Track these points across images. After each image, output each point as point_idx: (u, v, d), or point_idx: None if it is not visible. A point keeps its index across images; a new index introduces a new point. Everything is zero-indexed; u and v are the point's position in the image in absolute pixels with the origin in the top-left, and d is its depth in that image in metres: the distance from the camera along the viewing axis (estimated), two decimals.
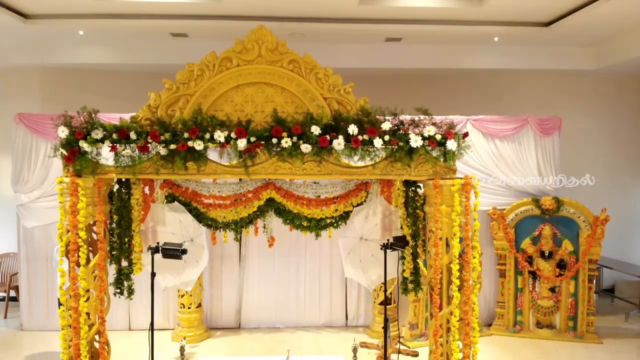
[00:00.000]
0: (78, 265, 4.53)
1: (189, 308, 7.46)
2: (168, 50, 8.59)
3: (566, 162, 8.68)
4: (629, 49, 8.20)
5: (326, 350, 7.12)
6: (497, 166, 7.84)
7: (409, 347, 7.00)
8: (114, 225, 4.99)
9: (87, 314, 4.56)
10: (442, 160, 4.55)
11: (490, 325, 7.94)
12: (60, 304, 4.61)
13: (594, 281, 7.68)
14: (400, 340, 7.13)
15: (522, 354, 7.06)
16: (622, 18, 7.47)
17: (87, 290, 4.55)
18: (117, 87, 9.38)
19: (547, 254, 7.60)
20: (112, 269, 5.09)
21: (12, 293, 8.88)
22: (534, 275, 7.67)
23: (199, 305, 7.63)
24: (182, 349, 5.03)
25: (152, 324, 4.61)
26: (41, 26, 7.67)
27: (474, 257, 4.57)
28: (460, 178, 4.52)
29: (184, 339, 5.99)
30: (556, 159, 7.97)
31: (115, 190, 4.95)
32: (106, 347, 4.67)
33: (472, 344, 4.60)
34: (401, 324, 7.47)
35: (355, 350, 5.00)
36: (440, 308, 4.62)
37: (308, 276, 8.11)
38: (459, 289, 4.52)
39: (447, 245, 4.62)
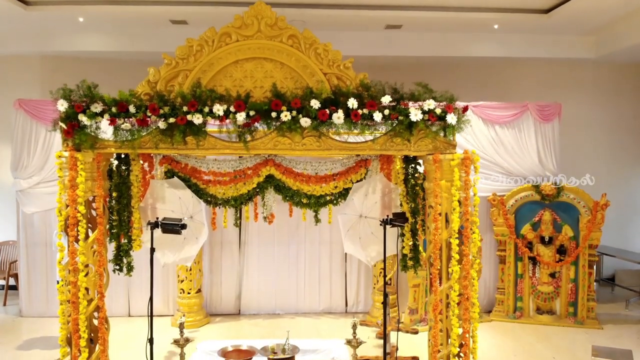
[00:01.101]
0: (77, 240, 4.52)
1: (189, 293, 7.45)
2: (168, 38, 8.58)
3: (566, 151, 8.70)
4: (627, 36, 8.20)
5: (325, 335, 7.11)
6: (497, 152, 7.84)
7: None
8: (113, 203, 4.98)
9: (86, 289, 4.54)
10: (441, 135, 4.55)
11: (490, 312, 7.93)
12: (59, 281, 4.60)
13: (594, 267, 7.66)
14: (400, 325, 7.12)
15: (523, 338, 7.05)
16: (620, 5, 7.48)
17: (86, 266, 4.54)
18: (116, 74, 9.33)
19: (547, 239, 7.59)
20: (111, 248, 5.08)
21: (12, 282, 8.86)
22: (534, 261, 7.67)
23: (199, 291, 7.62)
24: (181, 326, 5.01)
25: (151, 298, 4.59)
26: (42, 12, 7.68)
27: (473, 232, 4.56)
28: (460, 153, 4.51)
29: (183, 315, 5.97)
30: (556, 145, 7.97)
31: (114, 167, 4.94)
32: (105, 323, 4.66)
33: (471, 319, 4.59)
34: (401, 310, 7.45)
35: (354, 327, 4.99)
36: (440, 283, 4.61)
37: (308, 262, 8.11)
38: (458, 264, 4.51)
39: (447, 221, 4.61)
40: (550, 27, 8.50)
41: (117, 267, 4.99)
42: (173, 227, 4.53)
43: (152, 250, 4.59)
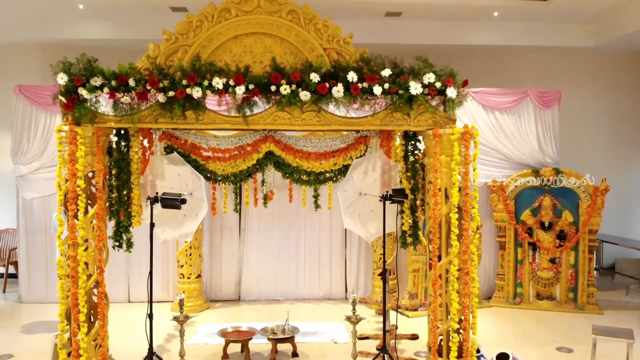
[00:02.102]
0: (76, 216, 4.52)
1: (189, 278, 7.45)
2: (167, 25, 8.47)
3: (566, 139, 8.69)
4: (626, 24, 8.20)
5: (325, 319, 7.10)
6: (497, 138, 7.84)
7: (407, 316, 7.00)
8: (112, 181, 4.98)
9: (86, 264, 4.54)
10: (441, 109, 4.55)
11: (490, 298, 7.92)
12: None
13: (594, 253, 7.65)
14: (400, 311, 7.11)
15: (523, 323, 7.04)
16: None
17: (86, 240, 4.53)
18: (116, 62, 9.36)
19: (547, 225, 7.59)
20: (111, 226, 5.08)
21: (11, 270, 8.86)
22: (533, 246, 7.66)
23: (199, 276, 7.62)
24: (181, 302, 5.01)
25: (150, 273, 4.59)
26: (42, 0, 7.67)
27: (472, 207, 4.56)
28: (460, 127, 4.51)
29: (183, 292, 5.97)
30: (556, 131, 7.97)
31: (114, 144, 4.94)
32: (105, 299, 4.66)
33: (471, 294, 4.58)
34: (401, 296, 7.44)
35: (354, 303, 4.99)
36: (439, 259, 4.60)
37: (308, 249, 8.12)
38: (458, 239, 4.51)
39: (446, 196, 4.61)
40: (550, 15, 8.50)
41: (117, 244, 4.99)
42: (173, 202, 4.53)
43: (152, 225, 4.59)
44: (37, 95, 7.63)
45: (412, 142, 4.95)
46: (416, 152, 4.98)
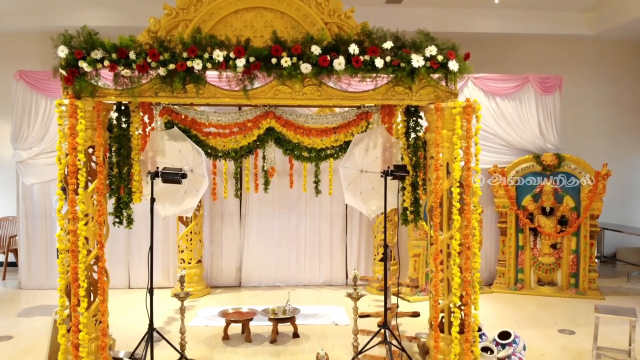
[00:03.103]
0: (76, 192, 4.49)
1: (189, 263, 7.43)
2: None
3: (567, 128, 8.67)
4: (627, 11, 8.19)
5: (326, 304, 7.07)
6: (498, 124, 7.82)
7: (408, 300, 6.97)
8: (113, 158, 4.96)
9: (86, 239, 4.52)
10: (443, 83, 4.53)
11: (491, 284, 7.90)
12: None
13: (596, 238, 7.63)
14: (400, 295, 7.08)
15: (524, 307, 7.02)
16: None
17: (86, 215, 4.51)
18: None
19: (548, 210, 7.57)
20: (111, 203, 5.06)
21: (11, 259, 8.83)
22: (535, 232, 7.64)
23: (199, 262, 7.60)
24: (181, 279, 4.98)
25: (151, 247, 4.57)
26: None
27: (474, 182, 4.54)
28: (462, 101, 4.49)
29: (184, 269, 5.96)
30: (557, 117, 7.96)
31: (114, 120, 4.93)
32: (105, 274, 4.63)
33: (473, 269, 4.56)
34: (401, 281, 7.41)
35: (355, 279, 4.96)
36: (441, 233, 4.58)
37: (308, 235, 8.10)
38: (459, 213, 4.48)
39: (448, 172, 4.59)
40: (551, 3, 8.49)
41: (117, 220, 4.97)
42: (173, 176, 4.51)
43: (153, 200, 4.56)
44: (38, 81, 7.63)
45: (414, 119, 4.94)
46: (418, 128, 4.96)
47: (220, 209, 7.99)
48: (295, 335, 5.81)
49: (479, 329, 4.96)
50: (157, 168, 4.57)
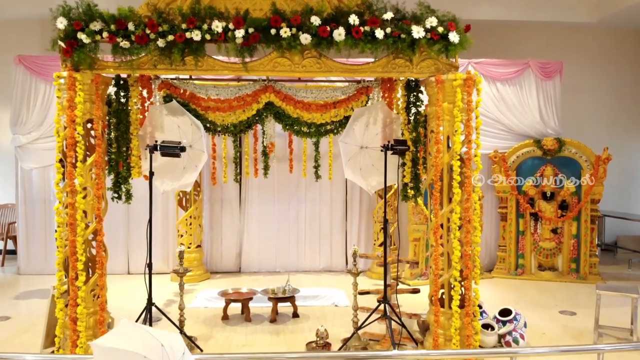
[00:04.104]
0: (74, 165, 4.47)
1: (189, 248, 7.39)
2: None
3: (567, 115, 8.63)
4: None
5: (326, 287, 7.05)
6: (499, 109, 7.80)
7: (409, 285, 6.94)
8: (112, 133, 4.94)
9: (85, 212, 4.49)
10: (444, 56, 4.51)
11: (491, 270, 7.87)
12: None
13: (596, 223, 7.60)
14: (400, 280, 7.06)
15: (525, 291, 6.99)
16: None
17: (84, 189, 4.49)
18: None
19: (548, 195, 7.54)
20: (110, 180, 5.04)
21: (10, 247, 8.80)
22: (535, 217, 7.61)
23: (199, 246, 7.58)
24: (180, 254, 4.96)
25: (150, 221, 4.54)
26: None
27: (475, 156, 4.51)
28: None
29: (182, 244, 5.93)
30: (557, 102, 7.94)
31: (113, 94, 4.91)
32: (103, 247, 4.61)
33: (473, 242, 4.53)
34: (401, 266, 7.39)
35: (355, 255, 4.93)
36: (441, 207, 4.56)
37: (308, 221, 8.08)
38: (460, 187, 4.46)
39: (448, 147, 4.56)
40: None
41: (116, 195, 4.94)
42: (172, 149, 4.48)
43: (151, 174, 4.54)
44: (37, 66, 7.61)
45: (414, 94, 4.91)
46: (418, 103, 4.94)
47: (220, 194, 7.97)
48: (295, 315, 5.79)
49: (480, 307, 4.93)
50: (156, 141, 4.55)
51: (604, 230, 9.41)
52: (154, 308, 4.72)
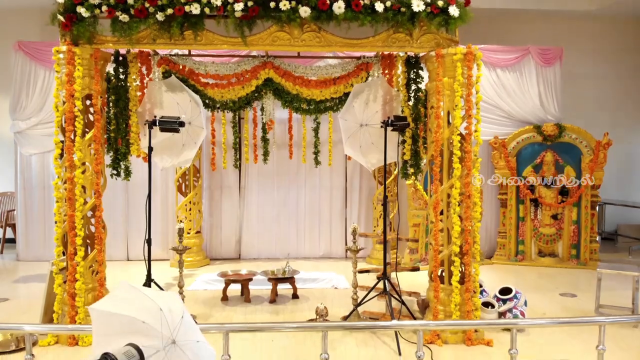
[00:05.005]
0: (73, 141, 4.45)
1: (188, 233, 7.37)
2: None
3: (567, 103, 8.61)
4: None
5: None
6: (499, 95, 7.78)
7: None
8: (111, 112, 4.92)
9: (84, 188, 4.48)
10: (444, 30, 4.50)
11: (491, 257, 7.85)
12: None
13: (597, 208, 7.59)
14: (399, 265, 7.03)
15: (525, 276, 6.97)
16: None
17: (83, 164, 4.48)
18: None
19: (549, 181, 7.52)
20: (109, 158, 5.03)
21: (9, 235, 8.78)
22: (535, 203, 7.59)
23: (198, 232, 7.56)
24: (180, 231, 4.94)
25: (149, 195, 4.52)
26: None
27: (475, 131, 4.50)
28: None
29: (181, 221, 5.92)
30: (557, 88, 7.92)
31: (112, 71, 4.90)
32: (102, 223, 4.59)
33: (473, 218, 4.52)
34: (400, 252, 7.37)
35: (354, 232, 4.91)
36: (441, 183, 4.54)
37: (308, 207, 8.06)
38: (460, 162, 4.45)
39: (449, 123, 4.55)
40: None
41: (115, 172, 4.92)
42: (171, 124, 4.47)
43: (150, 149, 4.52)
44: (37, 52, 7.59)
45: (415, 70, 4.90)
46: (418, 80, 4.93)
47: (220, 181, 7.96)
48: (295, 296, 5.77)
49: (480, 286, 4.91)
50: (155, 116, 4.53)
51: (604, 219, 9.39)
52: (153, 285, 4.68)
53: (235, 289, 5.83)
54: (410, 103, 4.95)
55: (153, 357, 3.04)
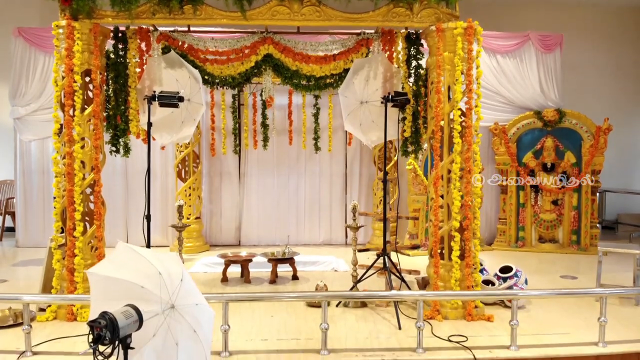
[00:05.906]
0: (72, 116, 4.44)
1: (188, 219, 7.35)
2: None
3: (567, 91, 8.59)
4: None
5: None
6: (499, 82, 7.77)
7: (409, 254, 6.90)
8: (110, 91, 4.91)
9: (83, 163, 4.46)
10: (444, 5, 4.49)
11: (491, 243, 7.83)
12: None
13: (597, 194, 7.57)
14: (400, 251, 7.01)
15: (526, 261, 6.93)
16: None
17: (83, 139, 4.46)
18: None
19: (549, 166, 7.51)
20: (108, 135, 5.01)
21: (8, 223, 8.76)
22: (536, 189, 7.58)
23: (198, 218, 7.54)
24: (179, 209, 4.92)
25: (148, 170, 4.49)
26: None
27: (475, 106, 4.48)
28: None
29: (182, 200, 5.91)
30: (558, 75, 7.91)
31: (111, 46, 4.89)
32: (101, 199, 4.57)
33: (473, 193, 4.50)
34: (401, 237, 7.35)
35: (354, 210, 4.90)
36: (442, 158, 4.53)
37: (308, 194, 8.05)
38: (460, 136, 4.43)
39: (449, 98, 4.53)
40: None
41: (114, 149, 4.90)
42: (170, 99, 4.45)
43: (149, 125, 4.50)
44: (36, 37, 7.58)
45: (415, 46, 4.89)
46: (419, 56, 4.91)
47: (219, 167, 7.95)
48: (295, 277, 5.76)
49: (480, 264, 4.89)
50: (154, 92, 4.52)
51: (604, 208, 9.37)
52: None
53: (235, 270, 5.82)
54: (411, 80, 4.93)
55: (152, 319, 3.02)
